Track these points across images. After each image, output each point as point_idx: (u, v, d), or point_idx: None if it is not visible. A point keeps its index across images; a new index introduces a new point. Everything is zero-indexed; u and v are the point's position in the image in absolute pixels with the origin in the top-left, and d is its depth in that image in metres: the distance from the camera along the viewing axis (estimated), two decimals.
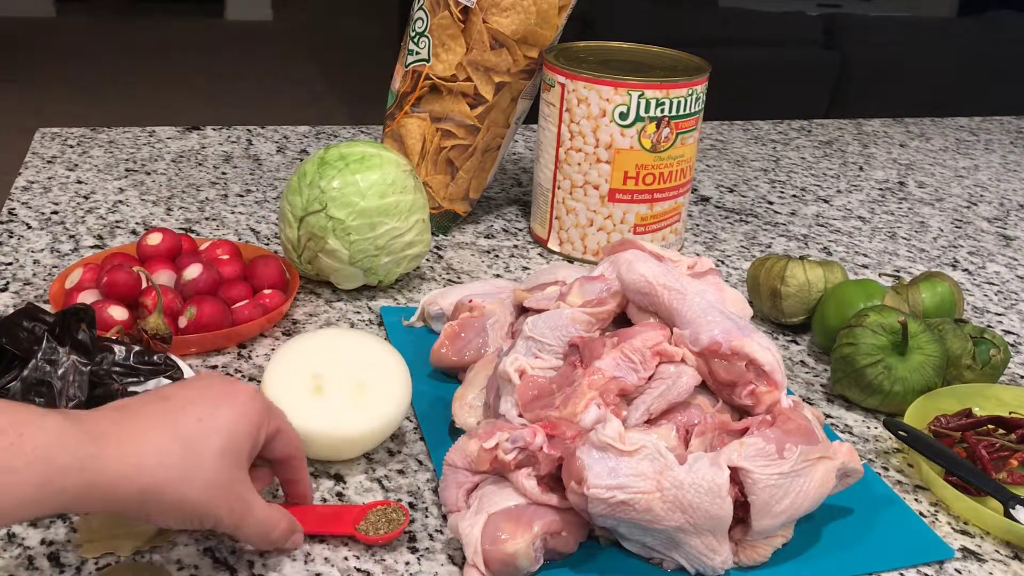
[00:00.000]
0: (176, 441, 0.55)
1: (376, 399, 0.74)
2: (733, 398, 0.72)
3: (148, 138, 1.41)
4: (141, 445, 0.53)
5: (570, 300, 0.78)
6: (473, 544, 0.64)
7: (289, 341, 0.77)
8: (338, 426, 0.72)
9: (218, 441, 0.56)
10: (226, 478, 0.57)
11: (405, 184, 0.96)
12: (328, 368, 0.75)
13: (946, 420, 0.83)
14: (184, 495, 0.54)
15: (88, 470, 0.51)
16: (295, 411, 0.71)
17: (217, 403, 0.58)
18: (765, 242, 1.23)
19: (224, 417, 0.57)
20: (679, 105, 1.04)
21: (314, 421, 0.71)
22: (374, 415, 0.73)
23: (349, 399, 0.73)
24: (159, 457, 0.54)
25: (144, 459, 0.53)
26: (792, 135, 1.68)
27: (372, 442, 0.74)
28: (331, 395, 0.73)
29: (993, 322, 1.08)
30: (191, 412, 0.57)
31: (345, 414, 0.72)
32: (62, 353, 0.70)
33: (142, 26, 5.33)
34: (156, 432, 0.55)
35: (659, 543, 0.66)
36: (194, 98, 4.28)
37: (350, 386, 0.74)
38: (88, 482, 0.51)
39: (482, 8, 1.06)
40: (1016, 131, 1.81)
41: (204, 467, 0.55)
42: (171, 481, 0.54)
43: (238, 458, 0.58)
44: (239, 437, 0.58)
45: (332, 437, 0.72)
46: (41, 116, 3.81)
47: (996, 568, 0.71)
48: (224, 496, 0.57)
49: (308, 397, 0.73)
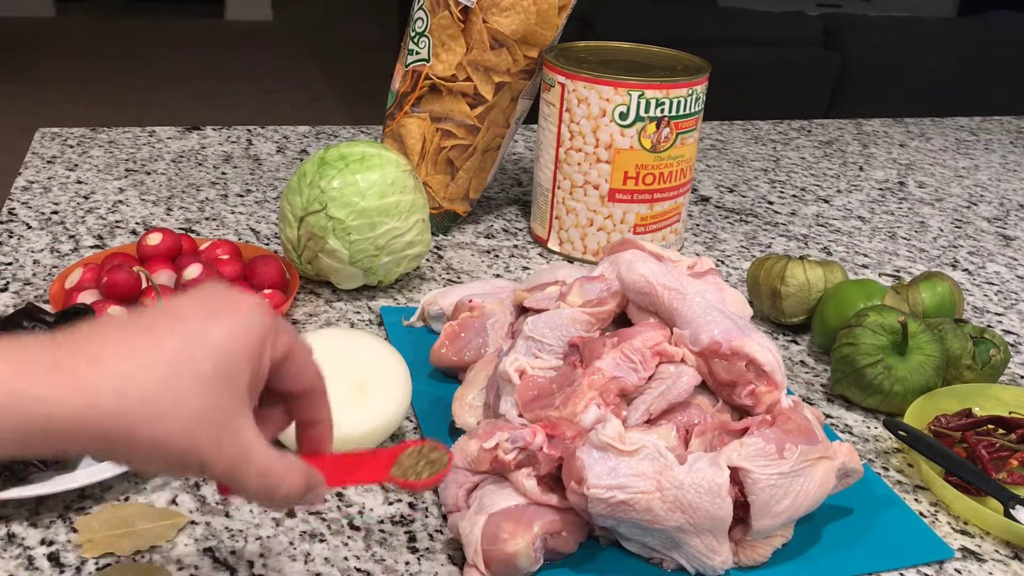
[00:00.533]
0: (147, 369, 0.43)
1: (376, 399, 0.74)
2: (733, 398, 0.72)
3: (148, 138, 1.41)
4: (97, 375, 0.42)
5: (570, 300, 0.78)
6: (473, 544, 0.64)
7: None
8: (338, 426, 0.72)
9: (205, 366, 0.44)
10: (214, 411, 0.44)
11: (405, 184, 0.96)
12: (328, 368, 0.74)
13: (946, 420, 0.83)
14: (156, 434, 0.43)
15: (21, 406, 0.40)
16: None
17: (209, 318, 0.46)
18: (765, 242, 1.23)
19: (216, 336, 0.45)
20: (679, 105, 1.04)
21: None
22: (374, 415, 0.73)
23: (349, 399, 0.73)
24: (122, 388, 0.42)
25: (101, 395, 0.42)
26: (792, 135, 1.68)
27: (372, 442, 0.74)
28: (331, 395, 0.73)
29: (993, 322, 1.08)
30: (175, 331, 0.45)
31: (345, 414, 0.72)
32: None
33: (142, 26, 5.33)
34: (120, 357, 0.43)
35: (659, 543, 0.66)
36: (194, 98, 4.28)
37: (350, 386, 0.74)
38: (27, 418, 0.40)
39: (482, 8, 1.06)
40: (1016, 131, 1.81)
41: (184, 399, 0.44)
42: (140, 418, 0.43)
43: (233, 387, 0.45)
44: (234, 360, 0.45)
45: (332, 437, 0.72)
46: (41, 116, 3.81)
47: (996, 568, 0.71)
48: (210, 434, 0.44)
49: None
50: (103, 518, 0.67)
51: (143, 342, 0.44)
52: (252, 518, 0.69)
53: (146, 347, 0.44)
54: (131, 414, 0.42)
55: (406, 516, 0.71)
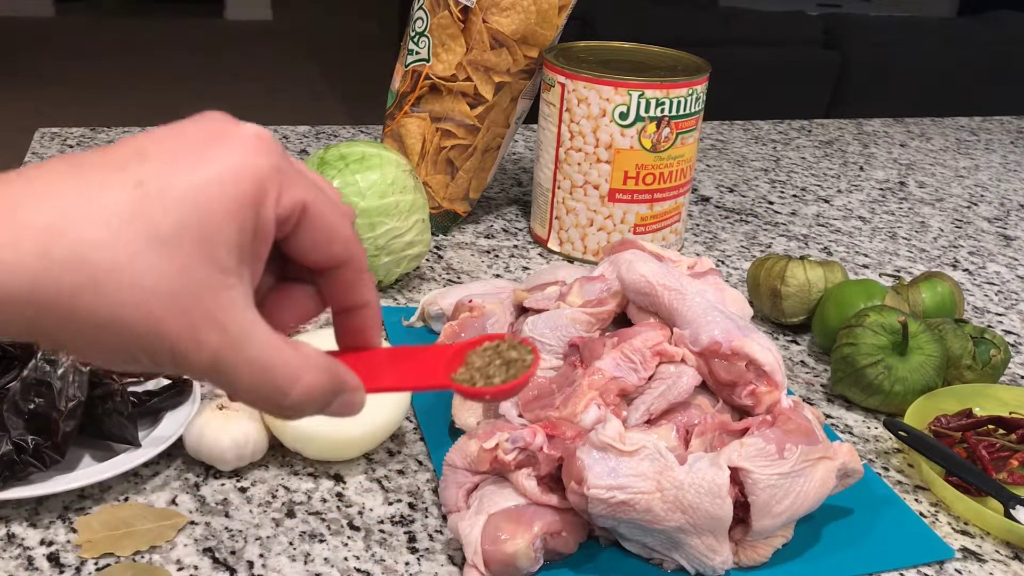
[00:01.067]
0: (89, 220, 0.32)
1: (376, 399, 0.74)
2: (733, 398, 0.72)
3: None
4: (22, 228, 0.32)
5: (570, 300, 0.78)
6: (473, 544, 0.64)
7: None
8: (338, 426, 0.72)
9: (169, 219, 0.33)
10: (179, 277, 0.33)
11: (405, 184, 0.96)
12: None
13: (946, 420, 0.83)
14: (102, 310, 0.32)
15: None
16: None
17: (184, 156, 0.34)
18: (765, 242, 1.23)
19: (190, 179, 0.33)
20: (679, 105, 1.04)
21: (314, 421, 0.71)
22: (374, 415, 0.73)
23: None
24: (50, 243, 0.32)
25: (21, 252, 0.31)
26: (792, 135, 1.68)
27: (372, 442, 0.74)
28: None
29: (993, 322, 1.08)
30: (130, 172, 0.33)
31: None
32: (62, 353, 0.70)
33: (142, 26, 5.33)
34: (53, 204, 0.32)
35: (659, 543, 0.66)
36: (194, 98, 4.28)
37: None
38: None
39: (482, 8, 1.06)
40: (1016, 131, 1.81)
41: (138, 263, 0.32)
42: (76, 286, 0.32)
43: (209, 250, 0.33)
44: (214, 212, 0.34)
45: (332, 437, 0.72)
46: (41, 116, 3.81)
47: (996, 568, 0.71)
48: (178, 312, 0.33)
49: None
50: (103, 518, 0.67)
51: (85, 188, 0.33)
52: (252, 518, 0.69)
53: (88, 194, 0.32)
54: (62, 280, 0.32)
55: (406, 516, 0.71)
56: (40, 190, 0.32)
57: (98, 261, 0.32)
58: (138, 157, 0.34)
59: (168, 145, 0.34)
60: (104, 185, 0.33)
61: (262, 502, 0.71)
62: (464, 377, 0.41)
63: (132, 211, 0.32)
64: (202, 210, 0.33)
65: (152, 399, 0.75)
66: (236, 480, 0.73)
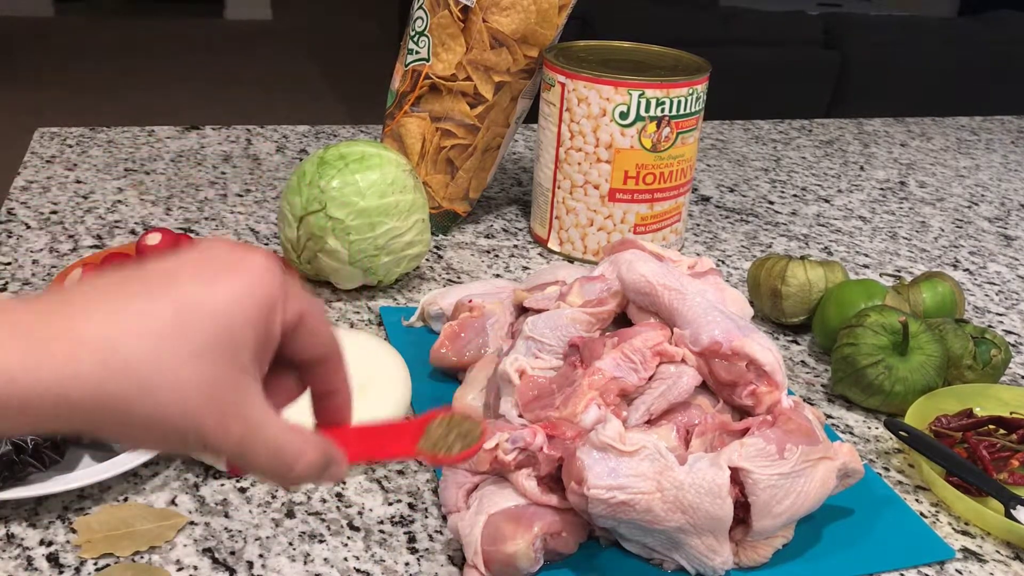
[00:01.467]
0: (135, 337, 0.39)
1: (376, 399, 0.74)
2: (733, 398, 0.72)
3: (147, 138, 1.41)
4: (75, 344, 0.38)
5: (570, 300, 0.78)
6: (473, 544, 0.64)
7: None
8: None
9: (202, 334, 0.40)
10: (214, 384, 0.40)
11: (405, 184, 0.96)
12: None
13: (947, 420, 0.83)
14: (149, 410, 0.39)
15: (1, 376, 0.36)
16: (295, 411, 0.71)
17: (208, 280, 0.41)
18: (765, 242, 1.23)
19: (215, 299, 0.41)
20: (679, 105, 1.04)
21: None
22: (374, 415, 0.73)
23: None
24: (104, 359, 0.38)
25: (79, 366, 0.37)
26: (792, 135, 1.68)
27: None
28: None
29: (994, 322, 1.07)
30: (168, 294, 0.40)
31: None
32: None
33: (142, 26, 5.33)
34: (102, 324, 0.38)
35: (659, 544, 0.66)
36: (194, 98, 4.28)
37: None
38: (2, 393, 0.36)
39: (482, 7, 1.06)
40: (1016, 131, 1.81)
41: (179, 372, 0.39)
42: (129, 392, 0.38)
43: (235, 357, 0.41)
44: (236, 327, 0.41)
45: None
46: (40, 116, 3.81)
47: (997, 568, 0.71)
48: (212, 409, 0.40)
49: (308, 397, 0.72)
50: (102, 519, 0.67)
51: (131, 306, 0.39)
52: (252, 518, 0.69)
53: (134, 312, 0.39)
54: (118, 387, 0.38)
55: (406, 516, 0.71)
56: (93, 308, 0.39)
57: (149, 372, 0.38)
58: (173, 283, 0.41)
59: (196, 271, 0.42)
60: (148, 306, 0.40)
61: (262, 502, 0.71)
62: (427, 447, 0.49)
63: (173, 329, 0.39)
64: (227, 324, 0.41)
65: None
66: (236, 480, 0.73)
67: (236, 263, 0.42)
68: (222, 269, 0.42)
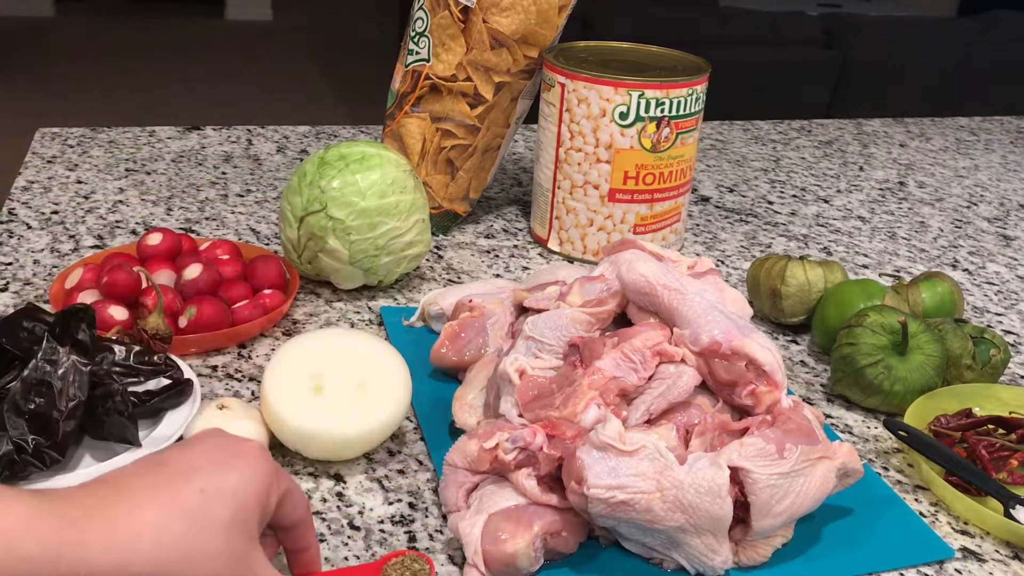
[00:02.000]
0: (177, 518, 0.48)
1: (376, 399, 0.74)
2: (733, 398, 0.72)
3: (148, 138, 1.41)
4: (133, 526, 0.47)
5: (570, 300, 0.78)
6: (473, 544, 0.64)
7: (289, 341, 0.77)
8: (338, 426, 0.72)
9: (225, 512, 0.50)
10: (236, 553, 0.50)
11: (405, 184, 0.96)
12: (328, 368, 0.74)
13: (946, 420, 0.83)
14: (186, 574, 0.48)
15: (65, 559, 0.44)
16: (295, 411, 0.71)
17: (222, 468, 0.52)
18: (765, 242, 1.23)
19: (231, 483, 0.51)
20: (679, 105, 1.04)
21: (314, 421, 0.71)
22: (374, 415, 0.73)
23: (349, 399, 0.73)
24: (157, 538, 0.47)
25: (138, 543, 0.47)
26: (792, 135, 1.68)
27: (372, 442, 0.74)
28: (331, 395, 0.73)
29: (993, 322, 1.08)
30: (194, 481, 0.50)
31: (345, 414, 0.72)
32: (62, 353, 0.70)
33: (142, 26, 5.33)
34: (152, 509, 0.48)
35: (659, 543, 0.66)
36: (194, 98, 4.28)
37: (350, 386, 0.74)
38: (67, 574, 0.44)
39: (482, 8, 1.06)
40: (1016, 131, 1.81)
41: (210, 544, 0.49)
42: (171, 564, 0.48)
43: (248, 528, 0.51)
44: (248, 505, 0.51)
45: (332, 437, 0.72)
46: (41, 116, 3.81)
47: (996, 568, 0.71)
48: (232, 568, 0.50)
49: (308, 397, 0.72)
50: None
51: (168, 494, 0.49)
52: None
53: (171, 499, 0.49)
54: (165, 561, 0.47)
55: (406, 516, 0.71)
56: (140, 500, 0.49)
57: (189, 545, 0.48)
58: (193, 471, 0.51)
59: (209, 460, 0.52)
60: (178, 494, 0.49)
61: None
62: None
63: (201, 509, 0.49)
64: (243, 502, 0.51)
65: (152, 399, 0.75)
66: None
67: (240, 452, 0.53)
68: (230, 456, 0.53)
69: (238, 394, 0.83)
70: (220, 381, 0.84)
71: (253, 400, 0.82)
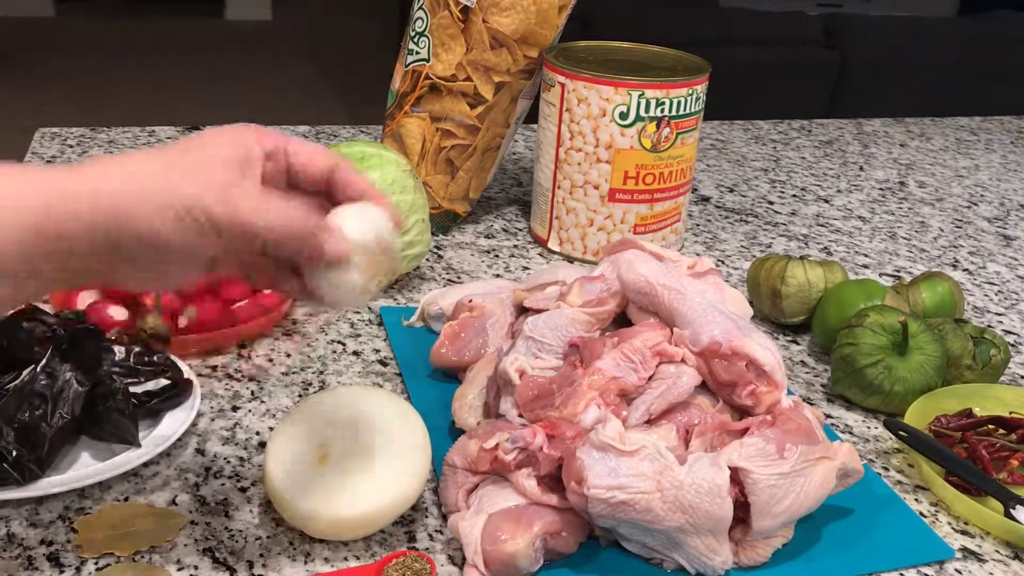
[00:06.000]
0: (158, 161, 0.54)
1: (392, 471, 0.67)
2: (733, 398, 0.72)
3: (148, 138, 1.41)
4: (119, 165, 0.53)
5: (570, 300, 0.78)
6: (473, 544, 0.64)
7: (299, 403, 0.71)
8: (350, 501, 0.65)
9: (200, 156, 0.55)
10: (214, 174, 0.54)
11: (405, 184, 0.96)
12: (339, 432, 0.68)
13: (946, 420, 0.83)
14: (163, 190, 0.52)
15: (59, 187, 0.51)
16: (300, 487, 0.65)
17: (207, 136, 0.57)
18: (765, 242, 1.23)
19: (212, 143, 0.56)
20: (679, 105, 1.04)
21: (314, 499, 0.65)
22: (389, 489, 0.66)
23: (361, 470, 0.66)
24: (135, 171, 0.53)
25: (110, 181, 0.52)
26: (792, 135, 1.68)
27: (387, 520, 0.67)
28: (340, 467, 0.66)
29: (993, 322, 1.08)
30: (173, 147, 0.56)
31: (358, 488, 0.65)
32: (63, 369, 0.70)
33: (142, 26, 5.33)
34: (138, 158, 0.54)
35: (659, 543, 0.66)
36: (194, 98, 4.28)
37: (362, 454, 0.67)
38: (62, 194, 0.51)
39: (482, 8, 1.06)
40: (1016, 131, 1.81)
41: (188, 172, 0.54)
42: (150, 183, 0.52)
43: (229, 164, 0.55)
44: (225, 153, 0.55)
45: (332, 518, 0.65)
46: (41, 116, 3.81)
47: (996, 568, 0.71)
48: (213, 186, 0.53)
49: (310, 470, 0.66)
50: (103, 518, 0.67)
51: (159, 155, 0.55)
52: (252, 518, 0.69)
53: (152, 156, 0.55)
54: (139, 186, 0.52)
55: (406, 516, 0.71)
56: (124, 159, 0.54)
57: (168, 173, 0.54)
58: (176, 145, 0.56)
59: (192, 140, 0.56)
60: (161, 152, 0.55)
61: (262, 502, 0.71)
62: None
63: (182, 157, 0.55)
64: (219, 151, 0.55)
65: (152, 399, 0.75)
66: (236, 480, 0.73)
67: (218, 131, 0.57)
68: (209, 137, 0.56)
69: (238, 394, 0.83)
70: (220, 381, 0.84)
71: (253, 400, 0.82)
